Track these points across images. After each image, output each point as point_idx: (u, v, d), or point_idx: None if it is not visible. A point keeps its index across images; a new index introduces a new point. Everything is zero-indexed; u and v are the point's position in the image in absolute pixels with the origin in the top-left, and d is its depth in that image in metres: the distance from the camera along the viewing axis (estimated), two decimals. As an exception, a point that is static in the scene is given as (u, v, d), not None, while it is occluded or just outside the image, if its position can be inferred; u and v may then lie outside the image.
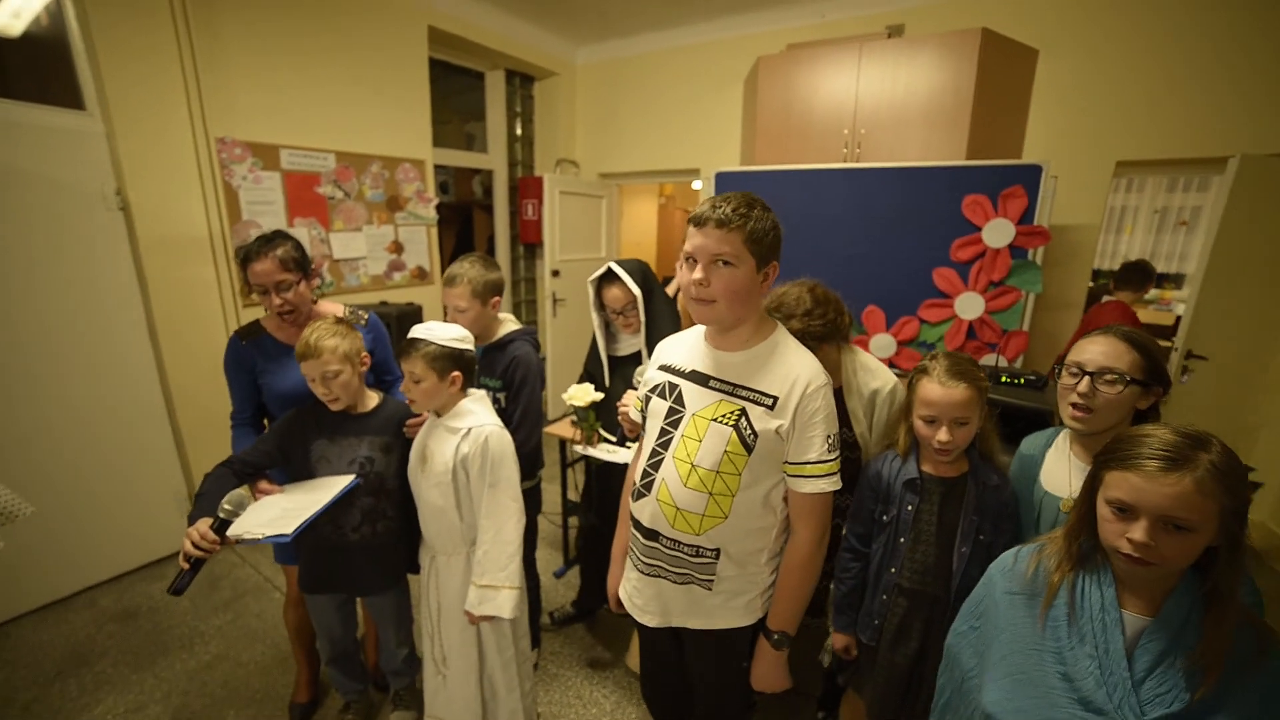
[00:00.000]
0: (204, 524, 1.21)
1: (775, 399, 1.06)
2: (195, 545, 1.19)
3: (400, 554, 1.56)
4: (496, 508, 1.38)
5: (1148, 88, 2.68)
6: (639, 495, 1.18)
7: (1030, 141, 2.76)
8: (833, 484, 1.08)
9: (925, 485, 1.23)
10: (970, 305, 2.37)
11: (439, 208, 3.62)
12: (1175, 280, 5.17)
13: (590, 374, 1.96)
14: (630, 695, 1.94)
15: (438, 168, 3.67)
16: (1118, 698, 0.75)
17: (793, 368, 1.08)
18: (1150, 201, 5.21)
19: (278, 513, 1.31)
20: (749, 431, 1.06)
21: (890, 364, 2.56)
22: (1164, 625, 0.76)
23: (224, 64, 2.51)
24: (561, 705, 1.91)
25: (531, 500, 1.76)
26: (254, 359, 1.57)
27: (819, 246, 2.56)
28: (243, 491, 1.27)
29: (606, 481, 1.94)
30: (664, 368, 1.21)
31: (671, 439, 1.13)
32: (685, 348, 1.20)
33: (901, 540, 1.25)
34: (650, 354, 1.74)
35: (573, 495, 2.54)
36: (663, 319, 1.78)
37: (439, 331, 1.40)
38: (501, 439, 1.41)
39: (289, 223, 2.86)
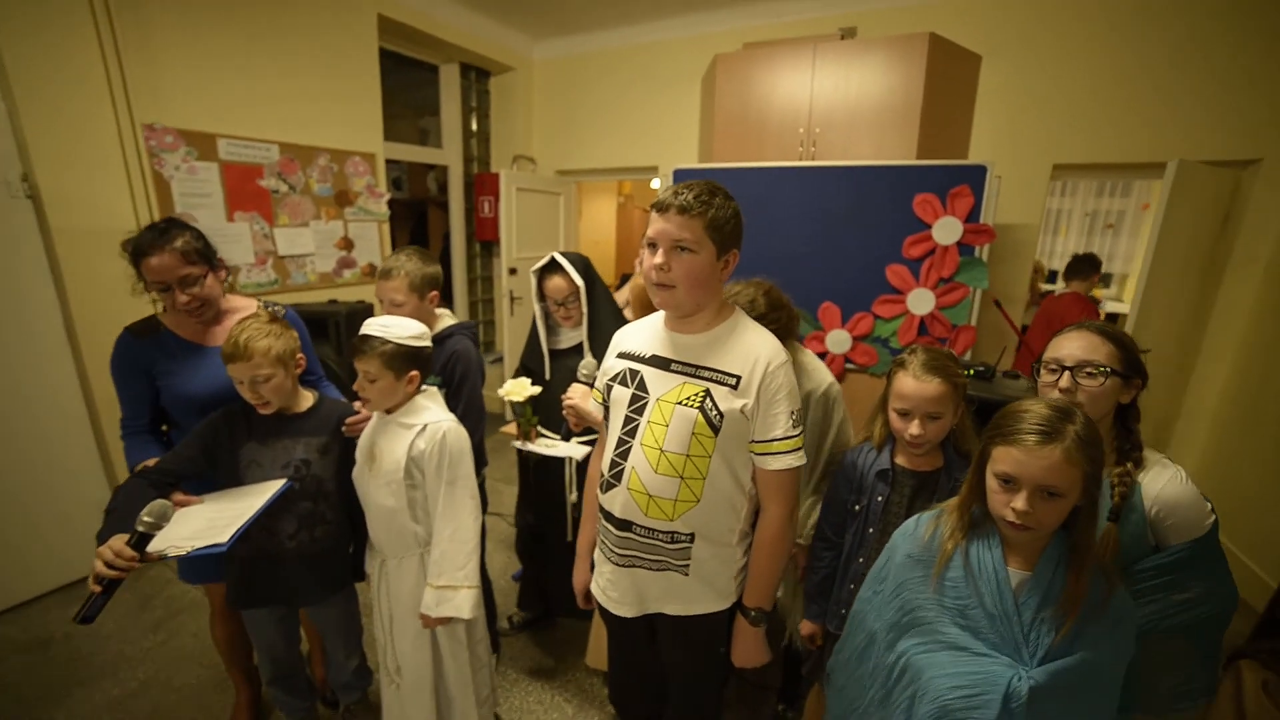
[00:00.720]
0: (119, 540, 1.09)
1: (738, 378, 1.06)
2: (109, 565, 1.06)
3: (342, 560, 1.48)
4: (454, 505, 1.32)
5: (1082, 96, 2.82)
6: (608, 486, 1.16)
7: (975, 144, 2.87)
8: (799, 459, 1.08)
9: (897, 477, 1.25)
10: (921, 301, 2.44)
11: (391, 204, 3.49)
12: (1104, 280, 5.49)
13: (528, 368, 1.91)
14: (592, 698, 1.90)
15: (390, 163, 3.54)
16: (1014, 643, 0.85)
17: (753, 347, 1.08)
18: (1082, 205, 5.54)
19: (203, 524, 1.20)
20: (714, 412, 1.05)
21: (846, 360, 2.61)
22: (1039, 579, 0.86)
23: (150, 45, 2.34)
24: (522, 711, 1.85)
25: (478, 499, 1.71)
26: (152, 358, 1.40)
27: (776, 243, 2.58)
28: (165, 502, 1.14)
29: (544, 477, 1.89)
30: (624, 355, 1.19)
31: (638, 426, 1.11)
32: (644, 334, 1.19)
33: (870, 530, 1.26)
34: (591, 346, 1.73)
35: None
36: (604, 312, 1.76)
37: (396, 329, 1.31)
38: (459, 435, 1.35)
39: (229, 217, 2.69)
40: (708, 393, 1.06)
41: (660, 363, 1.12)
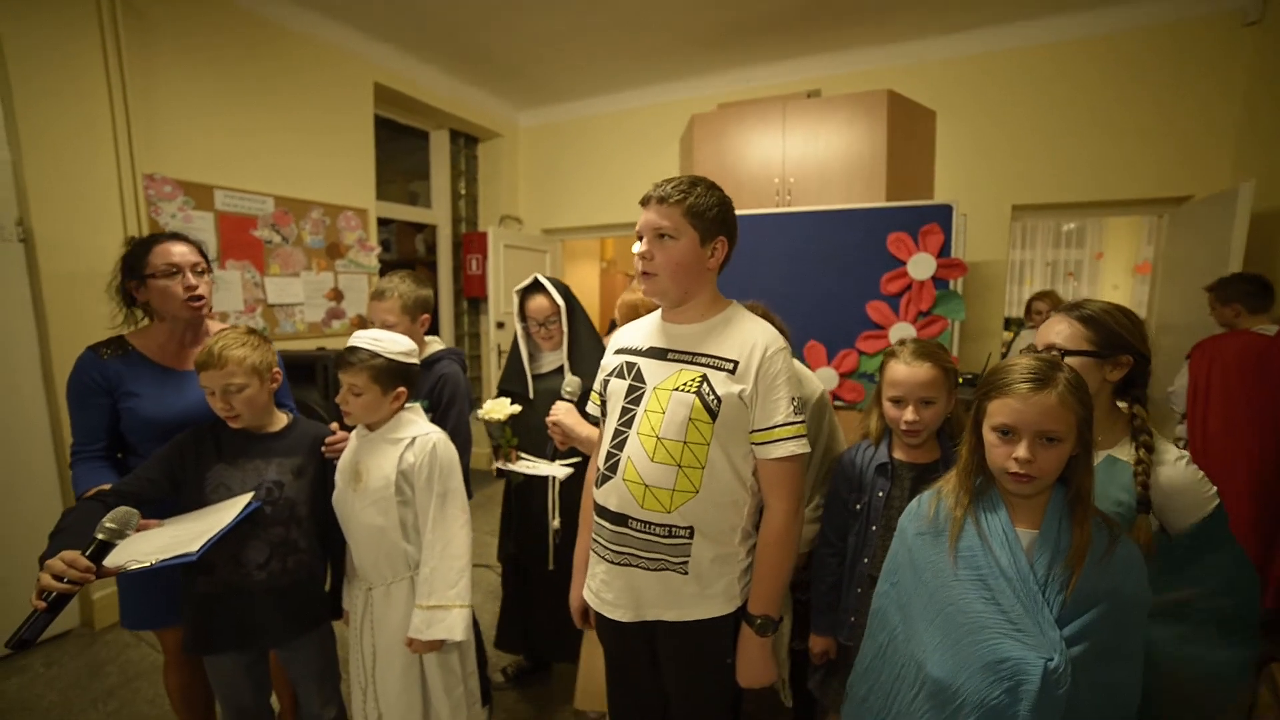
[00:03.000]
0: (73, 552, 0.99)
1: (735, 363, 1.07)
2: (57, 577, 0.95)
3: (317, 593, 1.38)
4: (445, 520, 1.28)
5: (1031, 143, 3.08)
6: (604, 479, 1.13)
7: (939, 189, 3.07)
8: (802, 446, 1.07)
9: (896, 471, 1.24)
10: (903, 335, 2.51)
11: (379, 262, 3.57)
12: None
13: (507, 391, 1.90)
14: (591, 751, 1.76)
15: (380, 222, 3.64)
16: (1034, 608, 0.82)
17: (750, 333, 1.10)
18: (1043, 256, 5.87)
19: (167, 541, 1.12)
20: (712, 397, 1.05)
21: (834, 396, 2.64)
22: (1047, 535, 0.86)
23: (158, 100, 2.46)
24: (514, 769, 1.70)
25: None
26: (119, 379, 1.33)
27: (759, 286, 2.66)
28: (130, 509, 1.05)
29: (527, 503, 1.83)
30: (621, 350, 1.21)
31: (634, 415, 1.11)
32: (642, 330, 1.21)
33: (874, 528, 1.23)
34: (572, 368, 1.74)
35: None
36: (584, 333, 1.79)
37: (387, 343, 1.30)
38: (448, 447, 1.33)
39: (221, 265, 2.73)
40: (705, 378, 1.07)
41: (657, 353, 1.14)
